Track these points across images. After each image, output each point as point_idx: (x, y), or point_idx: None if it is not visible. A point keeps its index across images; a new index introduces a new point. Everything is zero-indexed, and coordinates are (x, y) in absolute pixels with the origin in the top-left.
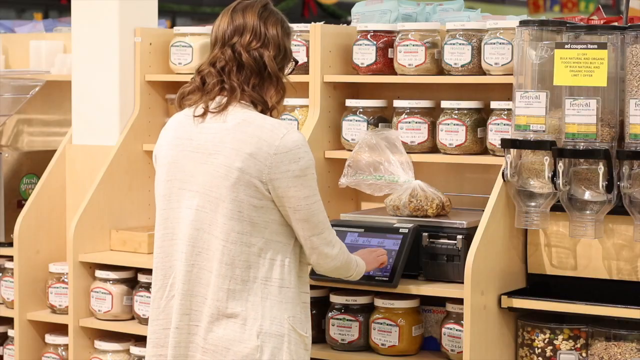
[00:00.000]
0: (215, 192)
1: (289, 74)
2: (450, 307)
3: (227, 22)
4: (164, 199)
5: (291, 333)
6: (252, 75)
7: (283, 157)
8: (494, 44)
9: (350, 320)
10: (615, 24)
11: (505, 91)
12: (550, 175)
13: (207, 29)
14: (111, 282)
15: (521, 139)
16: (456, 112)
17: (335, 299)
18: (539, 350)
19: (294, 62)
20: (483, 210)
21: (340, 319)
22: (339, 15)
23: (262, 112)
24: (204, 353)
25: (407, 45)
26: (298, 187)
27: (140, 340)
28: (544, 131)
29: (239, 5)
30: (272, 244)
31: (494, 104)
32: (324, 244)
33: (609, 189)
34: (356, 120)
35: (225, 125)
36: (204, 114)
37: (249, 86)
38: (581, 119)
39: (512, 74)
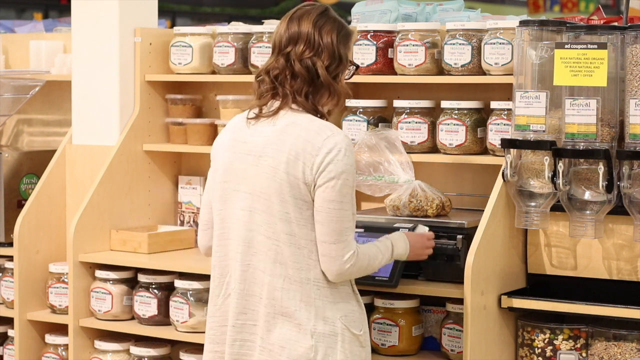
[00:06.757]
0: (265, 193)
1: (349, 78)
2: (450, 307)
3: (284, 30)
4: (220, 200)
5: (345, 332)
6: (304, 84)
7: (322, 158)
8: (494, 44)
9: None
10: (615, 24)
11: (505, 91)
12: (550, 175)
13: (207, 29)
14: (111, 282)
15: (521, 139)
16: (456, 112)
17: None
18: (539, 350)
19: (354, 67)
20: (483, 210)
21: None
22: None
23: None
24: (262, 352)
25: (407, 45)
26: (327, 189)
27: (140, 340)
28: (544, 131)
29: (296, 13)
30: None
31: (494, 104)
32: (333, 256)
33: (609, 189)
34: (356, 120)
35: (274, 128)
36: (257, 117)
37: (302, 95)
38: (581, 119)
39: (512, 74)
